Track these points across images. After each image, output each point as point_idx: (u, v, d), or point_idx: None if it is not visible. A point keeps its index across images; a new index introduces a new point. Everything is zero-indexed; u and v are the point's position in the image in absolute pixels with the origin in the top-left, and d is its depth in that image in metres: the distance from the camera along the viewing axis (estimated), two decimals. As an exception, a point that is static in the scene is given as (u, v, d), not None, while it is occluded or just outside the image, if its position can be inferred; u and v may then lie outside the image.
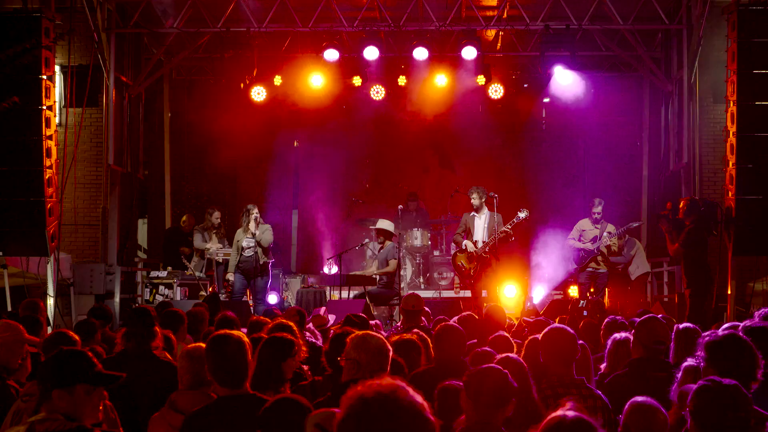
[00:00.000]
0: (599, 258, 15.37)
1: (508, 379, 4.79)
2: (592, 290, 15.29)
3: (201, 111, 19.12)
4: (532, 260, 16.63)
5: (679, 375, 5.63)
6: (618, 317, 8.80)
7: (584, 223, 15.61)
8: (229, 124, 18.09)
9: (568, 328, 6.03)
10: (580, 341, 6.21)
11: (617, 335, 7.19)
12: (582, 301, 14.05)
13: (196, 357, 5.56)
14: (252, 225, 15.02)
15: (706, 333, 5.74)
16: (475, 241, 14.83)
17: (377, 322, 10.58)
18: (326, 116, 18.85)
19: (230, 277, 15.25)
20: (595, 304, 12.89)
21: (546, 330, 6.08)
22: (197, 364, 5.53)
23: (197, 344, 5.75)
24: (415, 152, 20.11)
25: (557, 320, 10.16)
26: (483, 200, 14.81)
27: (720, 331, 5.59)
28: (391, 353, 5.52)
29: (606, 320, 8.66)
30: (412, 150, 19.99)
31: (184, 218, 18.22)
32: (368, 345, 5.48)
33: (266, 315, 10.21)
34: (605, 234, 15.28)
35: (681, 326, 6.99)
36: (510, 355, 5.83)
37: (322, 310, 11.17)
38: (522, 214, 14.53)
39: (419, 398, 2.66)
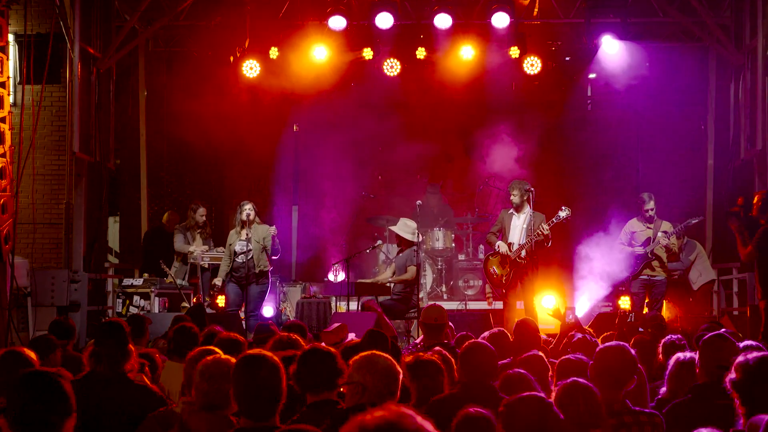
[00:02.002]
0: (655, 263, 15.30)
1: (553, 409, 4.76)
2: (647, 301, 15.21)
3: (183, 89, 19.07)
4: (575, 266, 16.55)
5: None
6: (675, 335, 8.75)
7: (634, 224, 15.55)
8: (216, 104, 18.07)
9: (630, 349, 6.00)
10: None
11: (681, 355, 7.14)
12: (630, 315, 13.98)
13: (208, 376, 5.58)
14: (244, 229, 15.04)
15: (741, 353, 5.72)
16: (510, 243, 14.79)
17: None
18: (331, 96, 18.79)
19: (218, 282, 15.21)
20: (651, 319, 12.79)
21: (603, 346, 6.07)
22: (209, 384, 5.55)
23: (213, 358, 5.71)
24: (437, 138, 20.02)
25: (602, 337, 10.13)
26: (525, 198, 14.77)
27: (756, 352, 5.59)
28: (401, 376, 5.49)
29: (664, 339, 8.61)
30: (432, 135, 19.91)
31: (165, 216, 18.22)
32: (375, 366, 5.46)
33: (259, 331, 10.16)
34: (660, 234, 15.20)
35: (741, 345, 6.95)
36: (520, 370, 5.79)
37: (333, 326, 11.11)
38: (563, 213, 14.47)
39: (429, 426, 2.72)
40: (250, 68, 17.52)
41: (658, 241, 15.17)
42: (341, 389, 5.72)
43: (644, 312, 14.74)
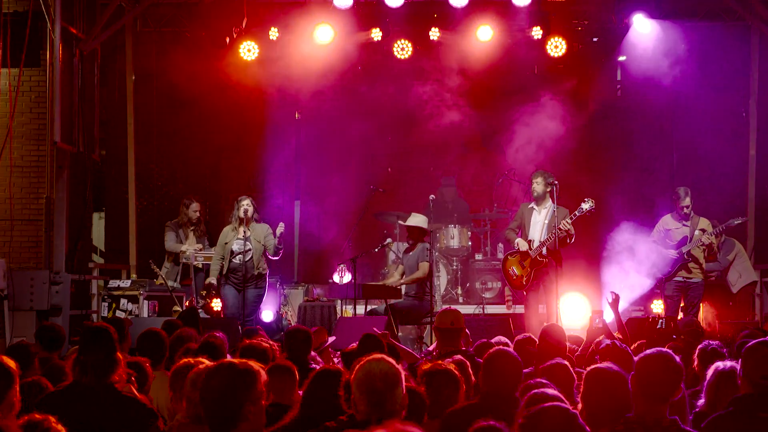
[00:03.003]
0: (691, 264, 15.24)
1: (578, 421, 4.72)
2: (682, 305, 15.16)
3: (174, 73, 19.01)
4: (603, 266, 16.51)
5: None
6: (715, 342, 8.71)
7: (669, 221, 15.51)
8: (211, 89, 18.06)
9: (675, 356, 5.95)
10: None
11: (720, 364, 7.10)
12: (660, 320, 13.95)
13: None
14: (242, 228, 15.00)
15: None
16: (530, 240, 14.75)
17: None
18: (336, 80, 18.76)
19: (212, 281, 15.18)
20: (686, 325, 12.76)
21: (645, 354, 6.02)
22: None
23: (205, 367, 5.70)
24: (452, 126, 19.95)
25: (634, 346, 10.10)
26: (548, 189, 14.74)
27: None
28: (403, 383, 5.45)
29: (700, 346, 8.57)
30: (447, 123, 19.85)
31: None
32: (371, 378, 5.42)
33: (247, 335, 10.19)
34: (697, 232, 15.16)
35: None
36: (541, 380, 5.77)
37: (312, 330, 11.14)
38: (586, 206, 14.45)
39: None
40: (248, 50, 17.52)
41: (699, 239, 15.10)
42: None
43: (679, 317, 14.71)
